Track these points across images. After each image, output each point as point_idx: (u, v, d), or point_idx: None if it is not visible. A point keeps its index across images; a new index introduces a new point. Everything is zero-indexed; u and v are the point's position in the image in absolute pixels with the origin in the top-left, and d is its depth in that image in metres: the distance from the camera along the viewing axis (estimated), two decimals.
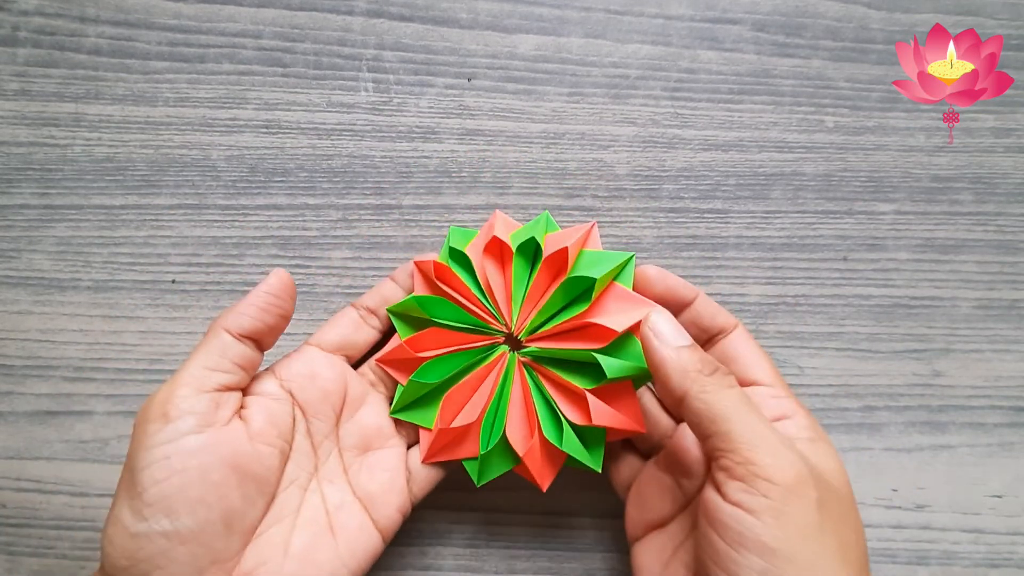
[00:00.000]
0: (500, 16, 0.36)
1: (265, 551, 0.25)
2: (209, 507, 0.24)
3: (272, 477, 0.26)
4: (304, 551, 0.26)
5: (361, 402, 0.29)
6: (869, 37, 0.36)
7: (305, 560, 0.26)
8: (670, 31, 0.36)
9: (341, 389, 0.29)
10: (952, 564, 0.33)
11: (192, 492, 0.23)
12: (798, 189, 0.35)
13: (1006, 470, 0.34)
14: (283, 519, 0.26)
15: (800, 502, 0.21)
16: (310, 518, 0.27)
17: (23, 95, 0.35)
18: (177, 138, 0.35)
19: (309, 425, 0.28)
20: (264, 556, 0.25)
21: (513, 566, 0.33)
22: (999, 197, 0.36)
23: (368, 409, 0.29)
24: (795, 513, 0.21)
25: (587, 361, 0.27)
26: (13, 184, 0.35)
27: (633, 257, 0.29)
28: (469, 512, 0.33)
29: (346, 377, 0.29)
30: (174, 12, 0.35)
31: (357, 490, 0.28)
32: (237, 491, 0.24)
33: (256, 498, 0.25)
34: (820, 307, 0.35)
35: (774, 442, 0.22)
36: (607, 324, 0.27)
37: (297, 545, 0.26)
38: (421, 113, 0.35)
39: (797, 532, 0.21)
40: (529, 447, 0.27)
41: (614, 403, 0.27)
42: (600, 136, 0.35)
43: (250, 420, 0.26)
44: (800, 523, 0.21)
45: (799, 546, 0.21)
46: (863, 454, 0.34)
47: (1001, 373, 0.34)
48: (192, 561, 0.23)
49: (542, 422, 0.28)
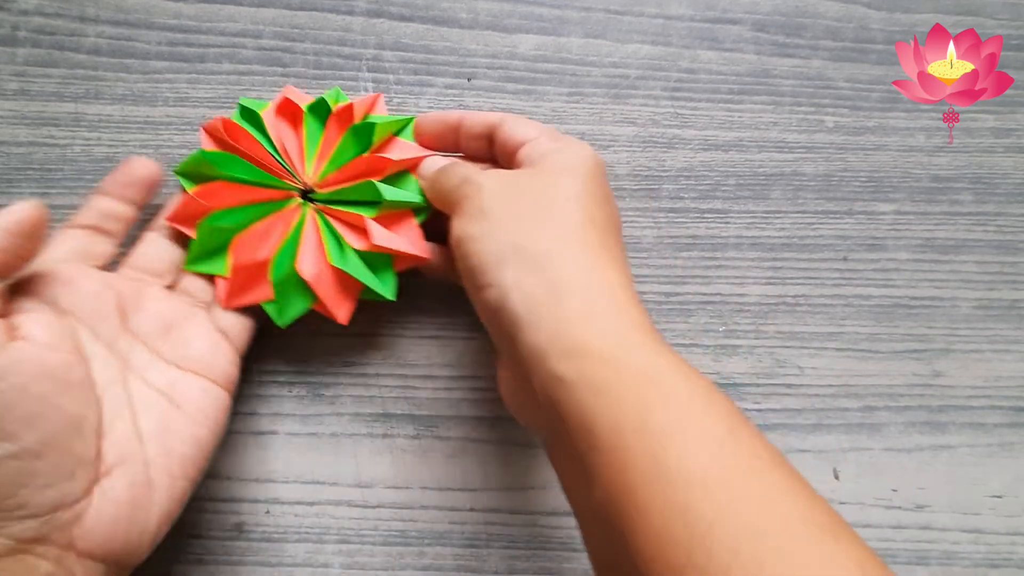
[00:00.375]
0: (500, 16, 0.36)
1: (121, 444, 0.25)
2: (47, 418, 0.23)
3: (87, 379, 0.25)
4: (157, 430, 0.26)
5: (139, 296, 0.29)
6: (869, 37, 0.36)
7: (162, 437, 0.26)
8: (670, 31, 0.36)
9: (107, 287, 0.28)
10: (952, 564, 0.33)
11: (19, 411, 0.23)
12: (798, 189, 0.35)
13: (1006, 470, 0.34)
14: (121, 414, 0.26)
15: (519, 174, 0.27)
16: (148, 403, 0.27)
17: (23, 95, 0.35)
18: (177, 138, 0.35)
19: (93, 331, 0.27)
20: (121, 449, 0.25)
21: (513, 566, 0.33)
22: (999, 197, 0.36)
23: (150, 298, 0.29)
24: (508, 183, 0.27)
25: (371, 199, 0.30)
26: (13, 184, 0.35)
27: (413, 119, 0.32)
28: (469, 512, 0.33)
29: (107, 277, 0.28)
30: (174, 12, 0.35)
31: (182, 364, 0.28)
32: (66, 397, 0.24)
33: (87, 399, 0.25)
34: (820, 307, 0.35)
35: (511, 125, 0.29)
36: (384, 156, 0.30)
37: (148, 428, 0.26)
38: (421, 113, 0.35)
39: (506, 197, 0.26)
40: (316, 273, 0.30)
41: (395, 231, 0.30)
42: (600, 136, 0.35)
43: (31, 336, 0.24)
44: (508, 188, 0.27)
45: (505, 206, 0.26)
46: (863, 454, 0.34)
47: (1001, 373, 0.34)
48: (56, 470, 0.23)
49: (329, 251, 0.30)
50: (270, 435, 0.34)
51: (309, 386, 0.34)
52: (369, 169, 0.31)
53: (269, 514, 0.33)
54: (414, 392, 0.34)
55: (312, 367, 0.34)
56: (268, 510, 0.33)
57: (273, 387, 0.34)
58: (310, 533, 0.33)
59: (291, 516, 0.33)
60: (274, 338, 0.34)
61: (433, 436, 0.34)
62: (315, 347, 0.34)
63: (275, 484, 0.34)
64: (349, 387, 0.34)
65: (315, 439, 0.34)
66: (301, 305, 0.31)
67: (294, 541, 0.33)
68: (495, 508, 0.33)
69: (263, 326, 0.34)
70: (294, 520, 0.33)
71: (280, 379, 0.34)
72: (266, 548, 0.33)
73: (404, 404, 0.34)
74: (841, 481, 0.34)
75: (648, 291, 0.35)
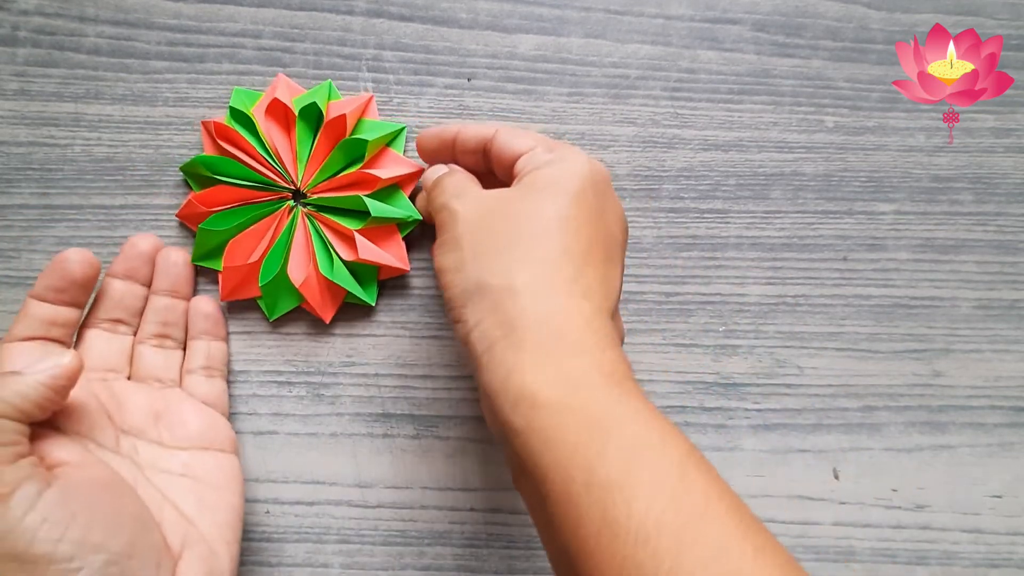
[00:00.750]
0: (500, 16, 0.36)
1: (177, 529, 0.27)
2: (121, 523, 0.24)
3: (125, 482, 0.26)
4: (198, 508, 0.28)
5: (115, 395, 0.29)
6: (869, 37, 0.36)
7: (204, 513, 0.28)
8: (670, 31, 0.36)
9: (90, 396, 0.28)
10: (952, 564, 0.33)
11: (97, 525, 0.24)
12: (798, 189, 0.35)
13: (1006, 470, 0.34)
14: (161, 504, 0.27)
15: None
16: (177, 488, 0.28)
17: (23, 95, 0.35)
18: (177, 138, 0.35)
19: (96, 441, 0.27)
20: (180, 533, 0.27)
21: (513, 566, 0.33)
22: (999, 197, 0.36)
23: (126, 394, 0.29)
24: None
25: (360, 209, 0.32)
26: (13, 184, 0.35)
27: (404, 129, 0.34)
28: (469, 512, 0.33)
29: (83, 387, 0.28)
30: (174, 12, 0.35)
31: (186, 444, 0.29)
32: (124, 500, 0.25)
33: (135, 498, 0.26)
34: (820, 307, 0.35)
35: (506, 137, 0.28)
36: (374, 173, 0.32)
37: (190, 509, 0.28)
38: (421, 113, 0.35)
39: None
40: (305, 278, 0.32)
41: (381, 244, 0.33)
42: (600, 136, 0.35)
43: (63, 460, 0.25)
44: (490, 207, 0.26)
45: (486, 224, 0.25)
46: (863, 454, 0.34)
47: (1001, 373, 0.34)
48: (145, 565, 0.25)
49: (318, 259, 0.32)
50: (270, 435, 0.34)
51: (309, 386, 0.34)
52: (359, 183, 0.33)
53: (269, 514, 0.33)
54: (414, 392, 0.34)
55: (312, 367, 0.34)
56: (268, 510, 0.33)
57: (273, 387, 0.34)
58: (310, 533, 0.33)
59: (291, 516, 0.33)
60: (274, 338, 0.34)
61: (433, 436, 0.34)
62: (315, 347, 0.34)
63: (275, 484, 0.33)
64: (349, 387, 0.34)
65: (315, 439, 0.34)
66: (290, 303, 0.33)
67: (294, 541, 0.33)
68: (495, 508, 0.33)
69: (264, 327, 0.34)
70: (294, 520, 0.33)
71: (280, 379, 0.34)
72: (266, 548, 0.33)
73: (404, 404, 0.34)
74: (841, 481, 0.34)
75: (648, 291, 0.35)
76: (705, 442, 0.34)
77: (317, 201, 0.33)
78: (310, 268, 0.32)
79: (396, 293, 0.34)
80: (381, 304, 0.34)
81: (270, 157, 0.33)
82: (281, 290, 0.33)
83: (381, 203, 0.32)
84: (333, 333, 0.34)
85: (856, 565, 0.33)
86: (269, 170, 0.33)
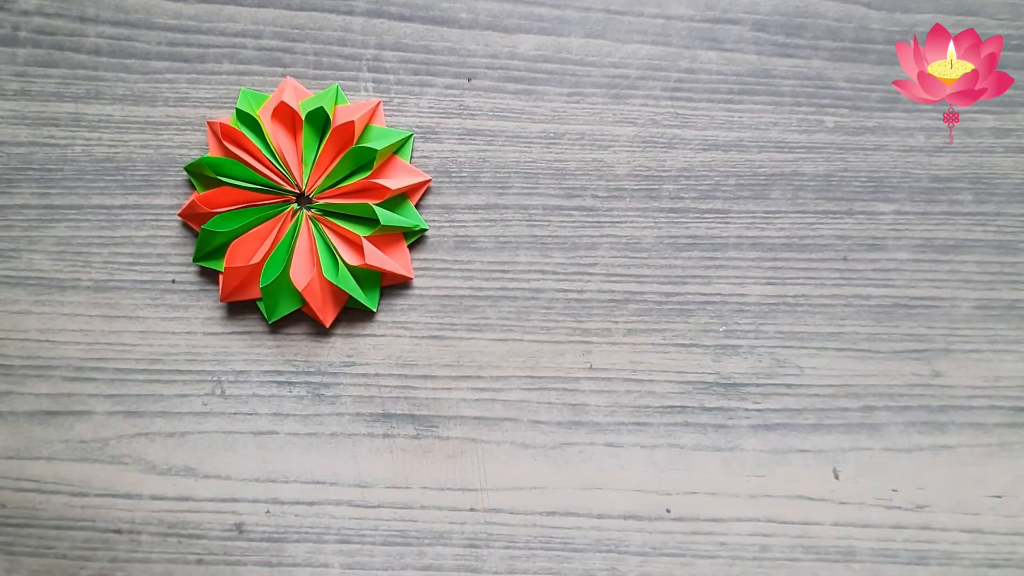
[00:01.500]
0: (500, 16, 0.36)
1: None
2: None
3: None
4: None
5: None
6: (869, 37, 0.36)
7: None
8: (670, 31, 0.36)
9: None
10: (952, 564, 0.33)
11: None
12: (798, 189, 0.35)
13: (1006, 470, 0.34)
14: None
15: None
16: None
17: (23, 95, 0.35)
18: (177, 138, 0.35)
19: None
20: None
21: (513, 566, 0.33)
22: (999, 197, 0.36)
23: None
24: None
25: (367, 216, 0.33)
26: (13, 184, 0.35)
27: (412, 136, 0.34)
28: (469, 512, 0.33)
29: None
30: (174, 12, 0.35)
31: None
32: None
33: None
34: (820, 307, 0.35)
35: None
36: (384, 184, 0.32)
37: None
38: (421, 113, 0.35)
39: None
40: (308, 283, 0.32)
41: (386, 251, 0.33)
42: (600, 136, 0.35)
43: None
44: None
45: None
46: (863, 454, 0.34)
47: (1001, 373, 0.34)
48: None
49: (322, 264, 0.32)
50: (270, 435, 0.34)
51: (309, 386, 0.34)
52: (367, 192, 0.33)
53: (269, 514, 0.33)
54: (414, 392, 0.34)
55: (312, 367, 0.34)
56: (268, 510, 0.33)
57: (273, 387, 0.34)
58: (310, 533, 0.33)
59: (291, 516, 0.33)
60: (274, 338, 0.34)
61: (433, 436, 0.34)
62: (315, 347, 0.34)
63: (275, 484, 0.34)
64: (349, 387, 0.34)
65: (315, 439, 0.34)
66: (290, 306, 0.33)
67: (294, 541, 0.33)
68: (495, 508, 0.33)
69: (264, 328, 0.34)
70: (294, 520, 0.33)
71: (280, 379, 0.34)
72: (266, 548, 0.33)
73: (404, 404, 0.34)
74: (841, 481, 0.34)
75: (648, 291, 0.35)
76: (705, 442, 0.34)
77: (324, 207, 0.33)
78: (314, 272, 0.32)
79: (396, 294, 0.35)
80: (381, 304, 0.34)
81: (275, 160, 0.33)
82: (282, 292, 0.33)
83: (390, 212, 0.33)
84: (333, 333, 0.34)
85: (856, 565, 0.33)
86: (274, 173, 0.33)
